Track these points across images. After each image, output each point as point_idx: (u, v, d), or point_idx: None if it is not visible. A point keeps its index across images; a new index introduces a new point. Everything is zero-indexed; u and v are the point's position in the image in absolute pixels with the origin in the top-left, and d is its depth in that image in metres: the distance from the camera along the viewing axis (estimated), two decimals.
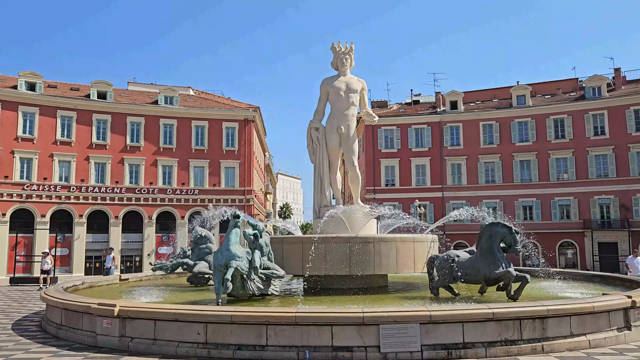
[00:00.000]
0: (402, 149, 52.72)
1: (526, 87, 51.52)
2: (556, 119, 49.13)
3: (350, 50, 15.62)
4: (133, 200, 46.99)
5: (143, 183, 47.42)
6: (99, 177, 46.32)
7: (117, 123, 47.33)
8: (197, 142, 49.49)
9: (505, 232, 11.03)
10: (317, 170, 15.26)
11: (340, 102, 15.14)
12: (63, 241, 44.97)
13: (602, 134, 47.23)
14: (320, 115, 15.58)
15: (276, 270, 11.81)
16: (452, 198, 51.10)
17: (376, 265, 12.70)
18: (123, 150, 47.23)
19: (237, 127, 50.71)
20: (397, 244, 12.97)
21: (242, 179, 50.14)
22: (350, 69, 15.80)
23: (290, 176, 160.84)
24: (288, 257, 12.89)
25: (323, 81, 15.44)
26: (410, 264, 13.19)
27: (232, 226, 11.07)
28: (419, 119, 53.03)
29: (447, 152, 51.83)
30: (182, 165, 48.69)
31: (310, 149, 15.42)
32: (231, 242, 10.80)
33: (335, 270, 12.52)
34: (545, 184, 48.61)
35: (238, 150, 50.34)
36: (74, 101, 46.12)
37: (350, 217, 13.95)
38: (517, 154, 49.86)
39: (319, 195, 15.22)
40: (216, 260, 10.79)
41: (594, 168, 47.22)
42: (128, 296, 12.47)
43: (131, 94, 51.60)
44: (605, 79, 48.68)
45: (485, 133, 51.22)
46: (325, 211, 14.48)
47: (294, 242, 13.16)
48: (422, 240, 13.63)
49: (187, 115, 49.45)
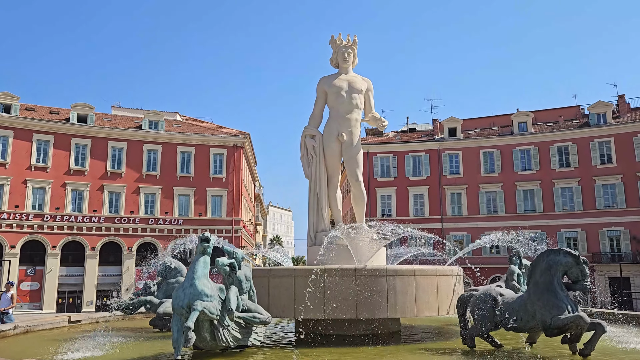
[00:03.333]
0: (398, 178, 50.13)
1: (527, 114, 49.53)
2: (560, 146, 46.94)
3: (353, 44, 13.05)
4: (112, 230, 43.76)
5: (123, 212, 44.31)
6: (76, 206, 43.17)
7: (97, 148, 44.50)
8: (182, 169, 46.66)
9: (569, 263, 8.28)
10: (313, 186, 12.46)
11: (342, 104, 12.49)
12: (34, 274, 41.49)
13: (609, 162, 44.99)
14: (316, 121, 12.89)
15: (259, 313, 8.87)
16: (452, 229, 48.36)
17: (390, 306, 9.79)
18: (103, 176, 44.27)
19: (225, 153, 48.03)
20: (416, 277, 10.10)
21: (230, 208, 47.15)
22: (354, 67, 13.20)
23: (282, 208, 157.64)
24: (276, 295, 9.96)
25: (320, 80, 12.82)
26: (433, 303, 10.28)
27: (199, 253, 8.18)
28: (416, 146, 50.68)
29: (446, 180, 49.30)
30: (166, 193, 45.70)
31: (305, 161, 12.65)
32: (197, 274, 7.90)
33: (337, 313, 9.60)
34: (550, 214, 46.02)
35: (226, 178, 47.53)
36: (51, 124, 43.37)
37: (355, 244, 11.08)
38: (520, 183, 47.44)
39: (315, 218, 12.38)
40: (176, 300, 7.86)
41: (602, 198, 44.79)
42: (61, 349, 9.41)
43: (114, 119, 48.95)
44: (610, 105, 46.79)
45: (486, 161, 48.87)
46: (323, 237, 11.63)
47: (284, 275, 10.21)
48: (447, 274, 10.76)
49: (173, 141, 46.76)
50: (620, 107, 48.57)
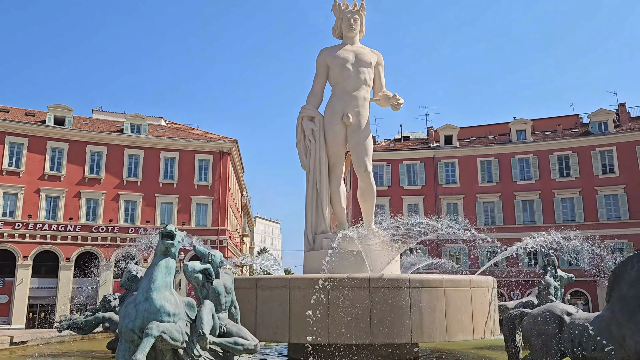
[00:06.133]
0: (392, 187, 48.05)
1: (526, 122, 47.84)
2: (560, 155, 45.24)
3: (360, 9, 10.88)
4: (89, 239, 41.00)
5: (101, 220, 41.61)
6: (50, 213, 40.41)
7: (75, 152, 41.87)
8: (165, 176, 44.14)
9: None
10: (312, 178, 10.24)
11: (347, 78, 10.34)
12: (2, 286, 38.55)
13: (612, 172, 43.32)
14: (316, 99, 10.71)
15: (243, 337, 6.56)
16: (448, 241, 46.16)
17: (415, 327, 7.52)
18: (80, 182, 41.60)
19: (211, 159, 45.63)
20: (446, 290, 7.86)
21: (216, 217, 44.65)
22: (361, 37, 11.06)
23: (269, 220, 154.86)
24: (266, 313, 7.67)
25: (321, 52, 10.66)
26: (467, 323, 8.04)
27: (160, 254, 5.89)
28: (411, 154, 48.73)
29: (442, 190, 47.31)
30: (148, 200, 43.11)
31: (302, 148, 10.45)
32: (155, 284, 5.61)
33: (345, 336, 7.32)
34: (550, 226, 43.90)
35: (212, 186, 45.08)
36: (26, 126, 40.73)
37: (367, 249, 8.83)
38: (519, 193, 45.58)
39: (314, 217, 10.13)
40: (125, 319, 5.55)
41: (604, 209, 43.04)
42: None
43: (94, 122, 46.40)
44: (611, 114, 45.27)
45: (484, 170, 47.01)
46: (324, 240, 9.39)
47: (276, 286, 7.88)
48: (482, 285, 8.54)
49: (156, 146, 44.29)
50: (620, 115, 47.08)
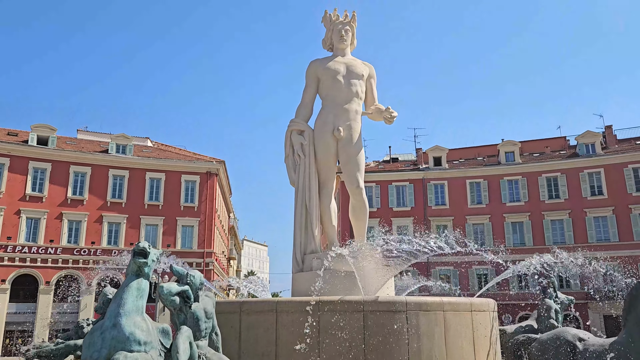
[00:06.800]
0: (382, 208, 47.54)
1: (515, 143, 47.91)
2: (549, 177, 45.22)
3: (352, 20, 10.53)
4: (70, 262, 39.83)
5: (84, 243, 40.53)
6: (30, 235, 39.28)
7: (58, 172, 40.96)
8: (151, 197, 43.28)
9: None
10: (301, 195, 9.69)
11: (338, 91, 9.89)
12: None
13: (600, 194, 43.32)
14: (306, 112, 10.22)
15: None
16: (438, 264, 45.68)
17: (412, 354, 6.94)
18: (62, 203, 40.61)
19: (198, 180, 44.90)
20: (445, 314, 7.30)
21: (202, 239, 43.73)
22: (352, 49, 10.67)
23: (257, 243, 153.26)
24: (251, 340, 7.03)
25: (311, 63, 10.21)
26: (469, 350, 7.46)
27: (131, 274, 5.28)
28: (400, 175, 48.46)
29: (431, 212, 46.94)
30: (132, 222, 42.16)
31: (290, 163, 9.92)
32: (125, 308, 4.99)
33: None
34: (540, 248, 43.57)
35: (198, 207, 44.26)
36: (7, 146, 39.86)
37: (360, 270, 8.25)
38: (509, 215, 45.36)
39: (303, 235, 9.55)
40: (89, 349, 4.91)
41: (594, 231, 42.91)
42: None
43: (79, 142, 45.58)
44: (598, 136, 45.53)
45: (473, 192, 46.81)
46: (314, 260, 8.81)
47: (262, 310, 7.26)
48: (484, 309, 7.99)
49: (141, 166, 43.50)
50: (607, 137, 47.33)
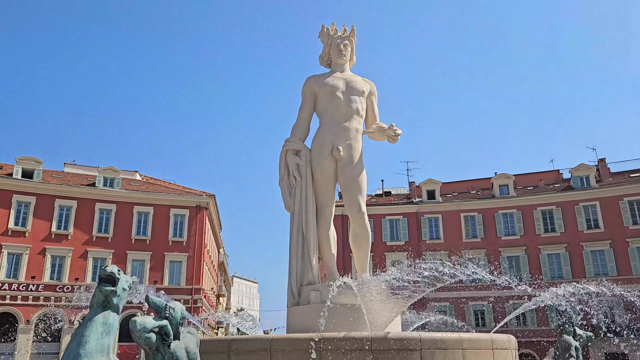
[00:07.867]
0: (375, 243, 46.30)
1: (509, 176, 47.52)
2: (544, 210, 44.68)
3: (351, 35, 9.91)
4: (52, 300, 38.20)
5: (67, 279, 39.06)
6: (11, 271, 37.81)
7: (42, 206, 39.80)
8: (138, 231, 42.06)
9: None
10: (297, 221, 8.83)
11: (338, 108, 9.18)
12: None
13: (597, 227, 42.75)
14: (302, 131, 9.47)
15: None
16: (434, 300, 44.50)
17: None
18: (46, 238, 39.31)
19: (187, 214, 43.83)
20: (464, 353, 6.38)
21: (190, 275, 42.34)
22: (351, 66, 10.03)
23: (247, 279, 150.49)
24: None
25: (308, 80, 9.52)
26: None
27: (96, 306, 4.37)
28: (393, 209, 47.71)
29: (426, 246, 46.01)
30: (119, 257, 40.72)
31: (285, 186, 9.09)
32: (87, 347, 4.06)
33: None
34: (538, 283, 42.81)
35: (187, 242, 43.05)
36: None
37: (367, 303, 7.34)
38: (504, 249, 44.55)
39: (299, 265, 8.65)
40: None
41: (592, 265, 42.16)
42: None
43: (65, 176, 44.55)
44: (592, 168, 45.30)
45: (468, 225, 46.08)
46: (312, 292, 7.91)
47: (254, 349, 6.29)
48: (505, 347, 7.08)
49: (129, 200, 42.44)
50: (601, 170, 47.13)
